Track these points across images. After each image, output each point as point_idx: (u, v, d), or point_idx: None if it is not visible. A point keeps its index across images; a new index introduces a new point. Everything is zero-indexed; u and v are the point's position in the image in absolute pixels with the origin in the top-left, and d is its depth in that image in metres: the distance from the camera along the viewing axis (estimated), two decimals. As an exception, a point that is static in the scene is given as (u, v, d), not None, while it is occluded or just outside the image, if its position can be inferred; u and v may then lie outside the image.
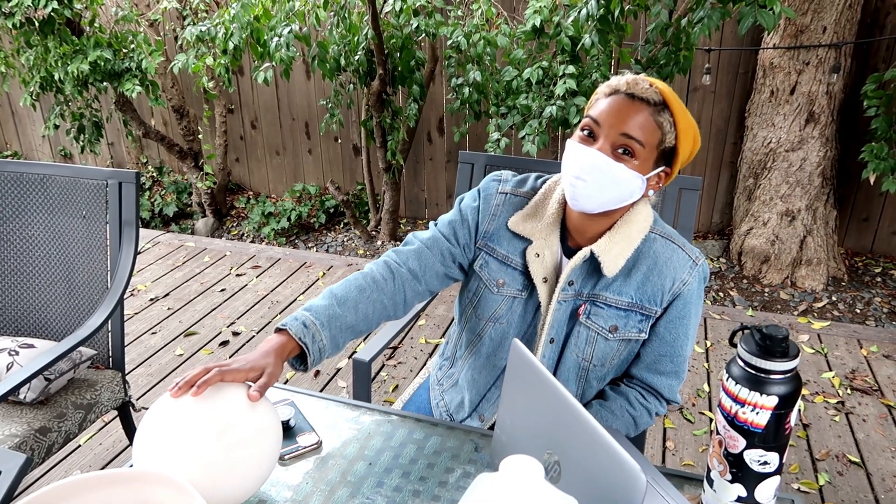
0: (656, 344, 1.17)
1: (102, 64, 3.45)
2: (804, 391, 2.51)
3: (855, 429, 2.30)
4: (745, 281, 3.54)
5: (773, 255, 3.47)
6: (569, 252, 1.17)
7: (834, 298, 3.34)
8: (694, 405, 2.44)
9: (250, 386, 0.93)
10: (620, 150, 1.04)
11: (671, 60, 2.84)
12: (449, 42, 3.26)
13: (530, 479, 0.70)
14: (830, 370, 2.63)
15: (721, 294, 3.43)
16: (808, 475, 2.10)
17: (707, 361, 2.71)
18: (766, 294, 3.41)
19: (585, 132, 1.07)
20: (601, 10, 2.58)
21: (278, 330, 1.05)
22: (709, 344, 2.84)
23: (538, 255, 1.16)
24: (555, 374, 1.21)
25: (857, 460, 2.16)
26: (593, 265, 1.14)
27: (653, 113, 1.04)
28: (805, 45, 3.20)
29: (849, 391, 2.50)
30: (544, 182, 1.23)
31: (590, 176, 1.05)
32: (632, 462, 0.73)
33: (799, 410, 2.40)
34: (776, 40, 3.28)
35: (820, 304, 3.30)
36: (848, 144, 3.47)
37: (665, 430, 2.32)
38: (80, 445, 2.26)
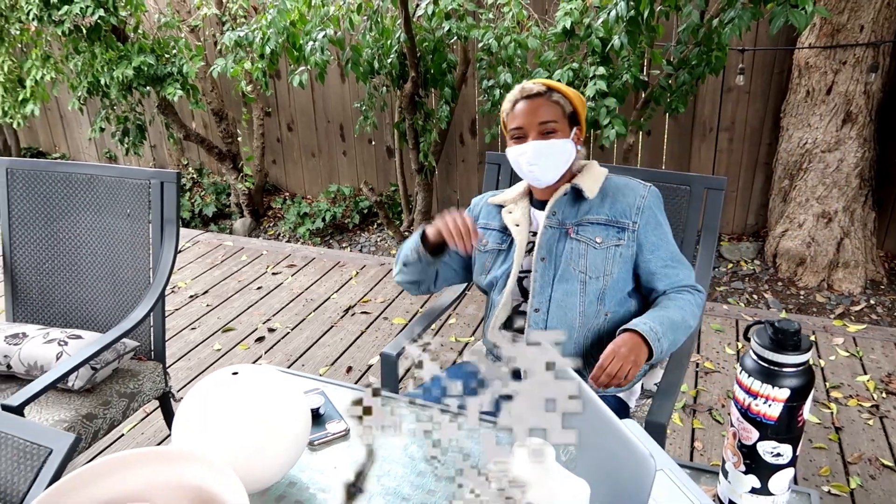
0: (650, 256, 1.43)
1: (146, 69, 3.57)
2: (838, 394, 2.48)
3: (889, 433, 2.27)
4: (779, 283, 3.49)
5: (808, 258, 3.42)
6: (539, 205, 1.47)
7: (872, 302, 3.28)
8: (723, 406, 2.43)
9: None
10: (546, 133, 1.38)
11: (703, 61, 2.83)
12: (480, 45, 3.30)
13: (544, 460, 0.73)
14: (865, 373, 2.59)
15: (755, 296, 3.39)
16: (839, 478, 2.08)
17: (738, 363, 2.69)
18: (802, 297, 3.37)
19: (517, 138, 1.41)
20: (630, 12, 2.59)
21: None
22: (740, 346, 2.81)
23: (510, 212, 1.50)
24: (552, 292, 1.41)
25: (891, 464, 2.13)
26: (574, 196, 1.44)
27: (547, 98, 1.40)
28: (842, 44, 3.15)
29: (884, 395, 2.46)
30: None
31: (537, 158, 1.39)
32: (641, 448, 0.75)
33: (831, 413, 2.38)
34: (812, 40, 3.24)
35: (857, 308, 3.24)
36: (887, 145, 3.40)
37: (693, 430, 2.32)
38: (123, 434, 2.36)
